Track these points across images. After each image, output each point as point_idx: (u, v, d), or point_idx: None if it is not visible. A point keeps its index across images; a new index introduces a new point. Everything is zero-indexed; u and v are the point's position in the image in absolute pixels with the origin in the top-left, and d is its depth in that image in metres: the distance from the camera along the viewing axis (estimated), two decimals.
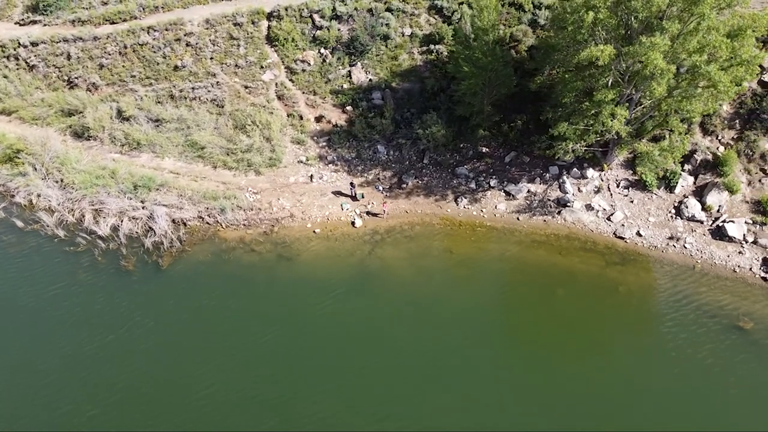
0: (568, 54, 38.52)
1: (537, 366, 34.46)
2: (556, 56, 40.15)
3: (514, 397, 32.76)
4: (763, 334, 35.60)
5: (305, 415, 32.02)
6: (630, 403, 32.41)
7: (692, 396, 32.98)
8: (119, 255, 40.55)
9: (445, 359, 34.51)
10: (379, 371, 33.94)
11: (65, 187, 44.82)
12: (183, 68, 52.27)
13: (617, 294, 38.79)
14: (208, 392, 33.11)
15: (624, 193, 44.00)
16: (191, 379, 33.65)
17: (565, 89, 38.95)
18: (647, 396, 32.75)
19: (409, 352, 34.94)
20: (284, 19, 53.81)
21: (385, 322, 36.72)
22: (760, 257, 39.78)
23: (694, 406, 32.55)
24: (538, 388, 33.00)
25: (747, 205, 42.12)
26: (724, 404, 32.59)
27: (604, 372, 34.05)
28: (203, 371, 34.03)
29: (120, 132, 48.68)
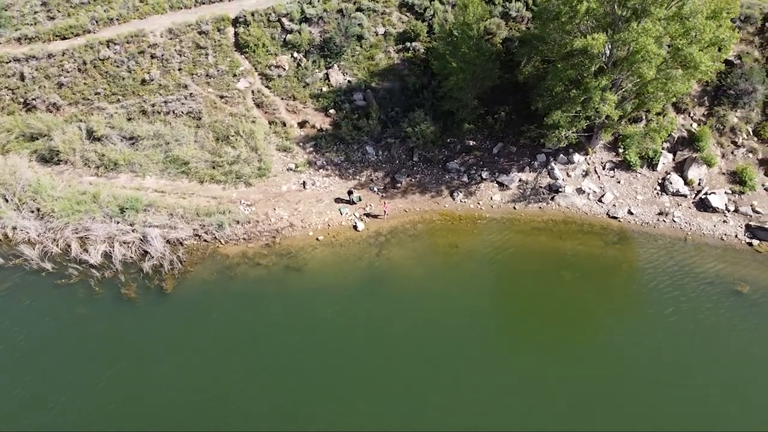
0: (557, 44, 39.57)
1: (564, 349, 35.53)
2: (542, 47, 41.12)
3: (549, 384, 33.42)
4: (760, 295, 38.01)
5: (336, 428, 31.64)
6: (645, 364, 34.14)
7: (697, 353, 34.90)
8: (117, 283, 38.44)
9: (470, 356, 34.67)
10: (405, 375, 33.62)
11: (43, 216, 41.99)
12: (151, 82, 49.99)
13: (620, 271, 40.45)
14: (237, 412, 32.01)
15: (610, 174, 45.80)
16: (216, 403, 32.34)
17: (557, 78, 40.01)
18: (659, 357, 34.43)
19: (433, 353, 34.86)
20: (252, 25, 52.43)
21: (404, 325, 36.52)
22: (742, 224, 42.45)
23: (700, 362, 34.44)
24: (569, 369, 33.81)
25: (724, 176, 44.79)
26: (727, 359, 34.51)
27: (621, 343, 35.37)
28: (227, 393, 32.75)
29: (93, 153, 46.05)
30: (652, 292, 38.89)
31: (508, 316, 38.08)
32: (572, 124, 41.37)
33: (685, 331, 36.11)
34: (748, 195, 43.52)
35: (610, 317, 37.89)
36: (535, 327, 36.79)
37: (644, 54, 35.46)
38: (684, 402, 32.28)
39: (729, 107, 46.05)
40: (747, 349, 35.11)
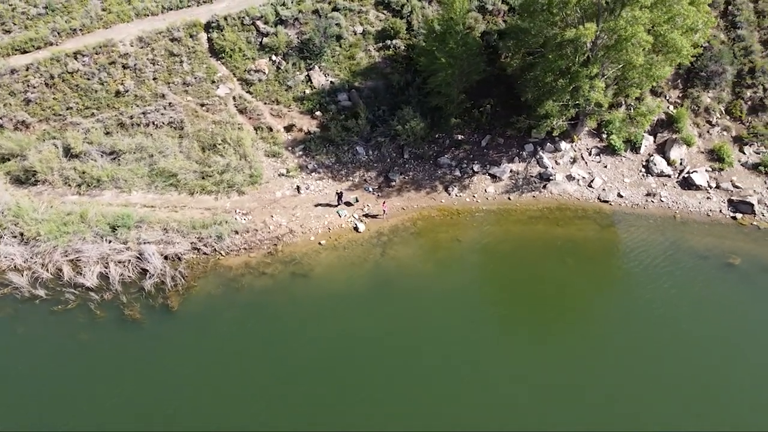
0: (546, 36, 40.32)
1: (580, 331, 36.56)
2: (529, 39, 41.79)
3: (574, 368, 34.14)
4: (750, 266, 39.93)
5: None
6: (650, 337, 35.68)
7: (698, 324, 36.54)
8: (119, 304, 36.84)
9: (491, 350, 34.96)
10: (425, 376, 33.55)
11: (28, 241, 39.77)
12: (126, 93, 48.04)
13: (618, 252, 41.80)
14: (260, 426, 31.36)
15: (597, 159, 47.10)
16: (237, 419, 31.52)
17: (547, 69, 40.79)
18: (662, 329, 35.99)
19: (450, 351, 34.83)
20: (226, 29, 51.17)
21: (418, 323, 36.49)
22: (725, 199, 44.49)
23: (702, 333, 36.07)
24: (587, 350, 34.75)
25: (703, 155, 46.80)
26: (728, 328, 36.23)
27: (628, 319, 36.72)
28: (247, 408, 31.91)
29: (73, 171, 43.92)
30: (649, 269, 40.22)
31: (520, 305, 38.52)
32: (562, 113, 42.34)
33: (684, 303, 37.59)
34: (727, 171, 45.65)
35: (614, 296, 39.16)
36: (550, 315, 37.49)
37: (634, 41, 36.59)
38: (690, 371, 33.66)
39: (701, 89, 48.14)
40: (745, 317, 36.88)
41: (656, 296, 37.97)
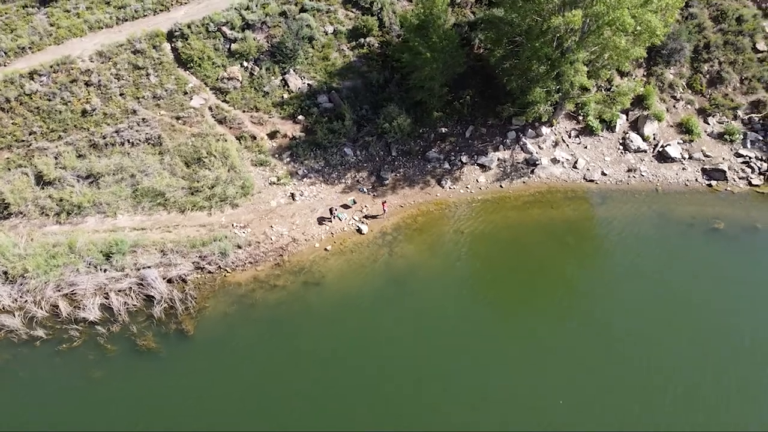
0: (529, 24, 41.20)
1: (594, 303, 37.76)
2: (514, 29, 42.55)
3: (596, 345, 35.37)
4: (734, 229, 42.46)
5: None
6: (655, 300, 37.60)
7: (695, 285, 38.55)
8: (130, 335, 34.84)
9: (513, 342, 35.39)
10: (453, 372, 33.78)
11: (14, 279, 36.85)
12: (93, 112, 45.28)
13: (612, 228, 43.28)
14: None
15: (577, 141, 48.74)
16: None
17: (532, 56, 41.70)
18: (664, 293, 38.00)
19: (474, 346, 35.04)
20: (191, 38, 49.12)
21: (439, 320, 36.77)
22: (699, 168, 47.16)
23: (700, 293, 38.08)
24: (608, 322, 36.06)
25: (673, 128, 49.38)
26: (716, 283, 38.75)
27: (632, 287, 38.56)
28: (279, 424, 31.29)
29: (49, 200, 41.06)
30: (643, 240, 42.09)
31: (534, 289, 39.21)
32: (547, 99, 43.52)
33: (680, 268, 39.62)
34: (696, 142, 48.39)
35: (617, 268, 40.67)
36: (566, 295, 38.57)
37: (619, 25, 38.04)
38: (696, 327, 35.98)
39: (664, 66, 50.73)
40: (737, 276, 39.22)
41: (654, 264, 39.87)
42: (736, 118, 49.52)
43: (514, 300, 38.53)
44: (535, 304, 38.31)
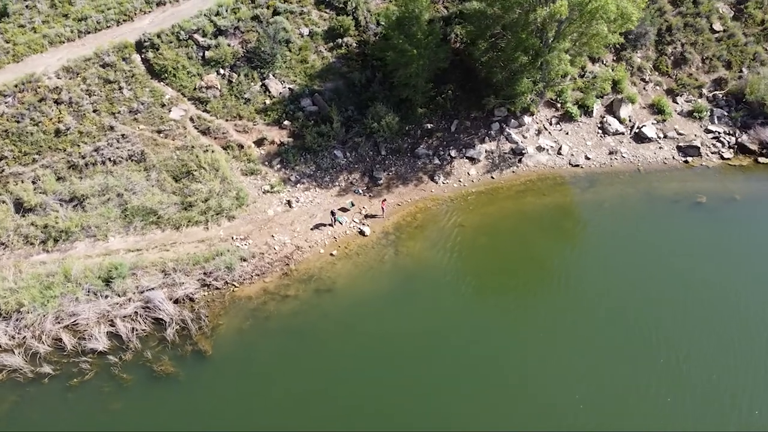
0: (512, 17, 41.86)
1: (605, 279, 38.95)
2: (499, 22, 43.10)
3: None
4: (716, 202, 44.67)
5: None
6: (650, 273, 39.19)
7: (684, 256, 40.33)
8: (145, 362, 33.25)
9: (531, 334, 35.49)
10: (474, 366, 33.86)
11: (9, 315, 34.48)
12: (68, 131, 42.91)
13: (603, 209, 44.68)
14: None
15: (558, 128, 49.99)
16: None
17: (518, 48, 42.42)
18: (657, 264, 39.79)
19: (493, 339, 35.32)
20: (161, 48, 47.26)
21: (454, 314, 36.75)
22: (674, 146, 49.35)
23: (688, 263, 39.91)
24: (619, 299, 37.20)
25: (645, 110, 51.41)
26: (700, 252, 40.83)
27: (630, 263, 39.92)
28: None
29: (33, 227, 38.62)
30: (635, 220, 43.70)
31: (541, 277, 39.95)
32: (533, 89, 44.42)
33: (673, 245, 41.18)
34: (669, 121, 50.58)
35: (614, 246, 41.75)
36: (572, 280, 39.32)
37: (602, 13, 39.23)
38: (690, 294, 37.83)
39: (631, 50, 52.69)
40: (721, 245, 41.37)
41: (649, 243, 41.30)
42: (702, 96, 52.11)
43: (524, 289, 39.07)
44: (544, 292, 38.93)
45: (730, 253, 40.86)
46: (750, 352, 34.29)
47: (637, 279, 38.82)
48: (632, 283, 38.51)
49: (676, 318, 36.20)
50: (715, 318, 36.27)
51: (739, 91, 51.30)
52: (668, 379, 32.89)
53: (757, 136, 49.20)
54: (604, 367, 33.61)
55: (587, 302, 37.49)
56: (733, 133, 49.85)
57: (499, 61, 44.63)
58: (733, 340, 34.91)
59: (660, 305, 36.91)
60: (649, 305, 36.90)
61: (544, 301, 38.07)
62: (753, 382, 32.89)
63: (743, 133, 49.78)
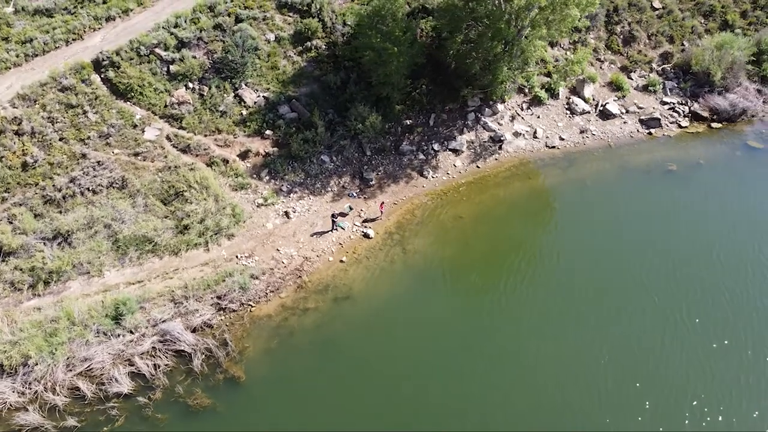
0: (487, 9, 42.65)
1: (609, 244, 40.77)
2: (473, 14, 43.76)
3: None
4: (685, 169, 47.72)
5: None
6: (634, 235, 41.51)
7: (661, 218, 43.40)
8: (177, 398, 31.45)
9: (556, 317, 36.42)
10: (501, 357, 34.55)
11: (14, 370, 31.54)
12: (35, 164, 39.65)
13: (587, 186, 46.59)
14: None
15: (530, 112, 51.54)
16: None
17: (495, 38, 43.28)
18: (640, 228, 42.57)
19: (519, 327, 36.16)
20: (122, 65, 44.55)
21: (473, 306, 37.66)
22: (637, 120, 52.16)
23: (644, 212, 43.51)
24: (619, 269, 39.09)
25: (605, 88, 53.97)
26: (675, 216, 43.78)
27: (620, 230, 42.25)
28: None
29: (18, 272, 35.46)
30: (617, 193, 46.14)
31: (549, 257, 40.97)
32: (512, 76, 45.58)
33: (649, 209, 44.04)
34: (628, 97, 53.38)
35: (604, 219, 43.81)
36: (578, 257, 40.73)
37: None
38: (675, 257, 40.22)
39: (585, 32, 55.05)
40: (696, 207, 44.65)
41: (635, 214, 43.74)
42: (653, 71, 55.38)
43: (535, 273, 39.84)
44: (551, 270, 40.03)
45: (707, 213, 43.97)
46: (739, 301, 37.27)
47: (640, 248, 40.82)
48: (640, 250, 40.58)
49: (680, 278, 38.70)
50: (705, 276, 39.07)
51: (685, 63, 54.93)
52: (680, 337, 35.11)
53: (707, 103, 52.92)
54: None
55: (597, 277, 39.11)
56: (685, 102, 53.37)
57: (473, 52, 45.33)
58: (724, 293, 37.75)
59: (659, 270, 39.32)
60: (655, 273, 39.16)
61: (554, 280, 39.18)
62: (746, 332, 35.63)
63: (694, 102, 53.41)
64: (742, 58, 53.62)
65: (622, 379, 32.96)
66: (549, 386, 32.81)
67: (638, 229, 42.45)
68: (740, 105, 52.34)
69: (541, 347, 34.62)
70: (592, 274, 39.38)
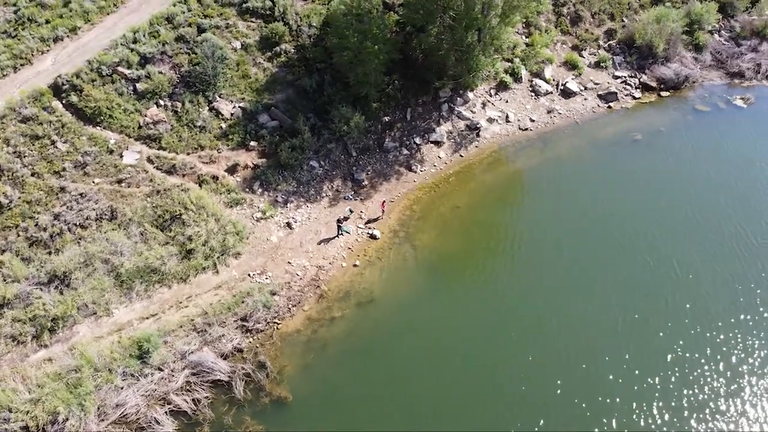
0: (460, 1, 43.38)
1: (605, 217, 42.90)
2: (449, 5, 44.22)
3: None
4: (648, 137, 50.71)
5: None
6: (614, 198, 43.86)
7: (632, 181, 46.18)
8: (226, 429, 30.12)
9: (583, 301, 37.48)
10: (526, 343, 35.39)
11: (41, 430, 28.90)
12: (11, 204, 36.29)
13: (565, 163, 48.49)
14: None
15: (498, 98, 52.90)
16: None
17: (469, 28, 44.01)
18: (616, 191, 44.34)
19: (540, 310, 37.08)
20: (85, 88, 41.54)
21: (493, 292, 38.38)
22: (596, 95, 54.80)
23: (623, 182, 46.30)
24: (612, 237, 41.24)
25: (562, 68, 56.30)
26: (633, 175, 46.80)
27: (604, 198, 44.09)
28: None
29: (18, 324, 32.42)
30: (593, 166, 48.18)
31: (547, 235, 42.25)
32: (488, 63, 46.70)
33: (626, 177, 46.72)
34: (584, 74, 55.96)
35: (588, 188, 46.13)
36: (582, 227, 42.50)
37: None
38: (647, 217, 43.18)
39: (536, 15, 57.03)
40: (657, 171, 47.42)
41: (613, 183, 46.28)
42: (600, 48, 58.34)
43: (539, 251, 40.92)
44: (554, 245, 41.19)
45: (676, 173, 47.14)
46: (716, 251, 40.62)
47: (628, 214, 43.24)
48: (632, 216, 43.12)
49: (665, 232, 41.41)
50: None
51: (628, 38, 58.28)
52: None
53: (654, 74, 56.50)
54: None
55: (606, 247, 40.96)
56: (635, 75, 56.69)
57: (445, 43, 45.88)
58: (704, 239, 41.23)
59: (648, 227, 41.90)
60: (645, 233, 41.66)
61: (561, 255, 40.58)
62: None
63: (642, 74, 56.84)
64: (678, 29, 57.59)
65: None
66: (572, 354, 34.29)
67: (621, 196, 44.90)
68: (683, 73, 56.27)
69: (562, 323, 36.04)
70: (589, 242, 41.28)
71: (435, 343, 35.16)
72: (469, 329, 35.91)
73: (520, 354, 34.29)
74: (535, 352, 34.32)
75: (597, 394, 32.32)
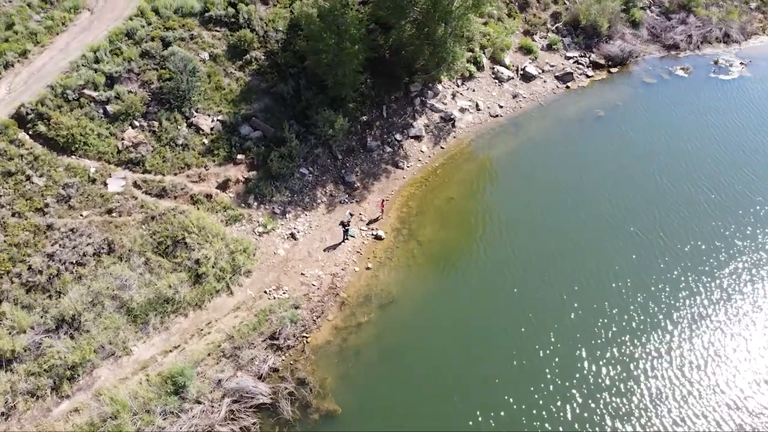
0: None
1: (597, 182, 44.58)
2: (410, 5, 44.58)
3: None
4: (610, 112, 53.48)
5: None
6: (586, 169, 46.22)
7: (597, 155, 49.18)
8: None
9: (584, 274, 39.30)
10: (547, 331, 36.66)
11: None
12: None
13: (539, 145, 50.27)
14: None
15: (465, 87, 53.91)
16: None
17: (441, 20, 44.55)
18: (587, 167, 46.93)
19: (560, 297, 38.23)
20: (53, 116, 38.62)
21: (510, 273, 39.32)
22: (553, 77, 57.08)
23: (589, 154, 48.96)
24: None
25: (519, 53, 58.10)
26: (603, 149, 50.04)
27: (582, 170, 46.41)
28: None
29: (33, 378, 29.88)
30: (564, 143, 50.23)
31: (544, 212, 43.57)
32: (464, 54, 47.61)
33: (598, 150, 49.83)
34: (539, 58, 58.08)
35: (565, 164, 47.92)
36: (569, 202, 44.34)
37: None
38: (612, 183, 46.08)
39: None
40: (620, 142, 50.55)
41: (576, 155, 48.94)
42: (549, 31, 60.69)
43: (550, 236, 41.96)
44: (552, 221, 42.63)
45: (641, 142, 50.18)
46: None
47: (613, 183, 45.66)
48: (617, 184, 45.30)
49: None
50: None
51: (573, 19, 60.98)
52: None
53: (601, 52, 59.56)
54: None
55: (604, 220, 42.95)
56: (584, 54, 59.50)
57: (419, 37, 46.23)
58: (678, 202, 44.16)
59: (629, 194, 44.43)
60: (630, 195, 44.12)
61: (564, 230, 42.20)
62: None
63: (591, 53, 59.78)
64: (617, 7, 60.96)
65: None
66: None
67: (599, 168, 47.35)
68: (627, 49, 59.66)
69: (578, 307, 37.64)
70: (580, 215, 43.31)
71: (464, 333, 35.63)
72: (489, 315, 36.72)
73: (542, 335, 35.47)
74: (557, 332, 35.70)
75: (628, 379, 34.04)
